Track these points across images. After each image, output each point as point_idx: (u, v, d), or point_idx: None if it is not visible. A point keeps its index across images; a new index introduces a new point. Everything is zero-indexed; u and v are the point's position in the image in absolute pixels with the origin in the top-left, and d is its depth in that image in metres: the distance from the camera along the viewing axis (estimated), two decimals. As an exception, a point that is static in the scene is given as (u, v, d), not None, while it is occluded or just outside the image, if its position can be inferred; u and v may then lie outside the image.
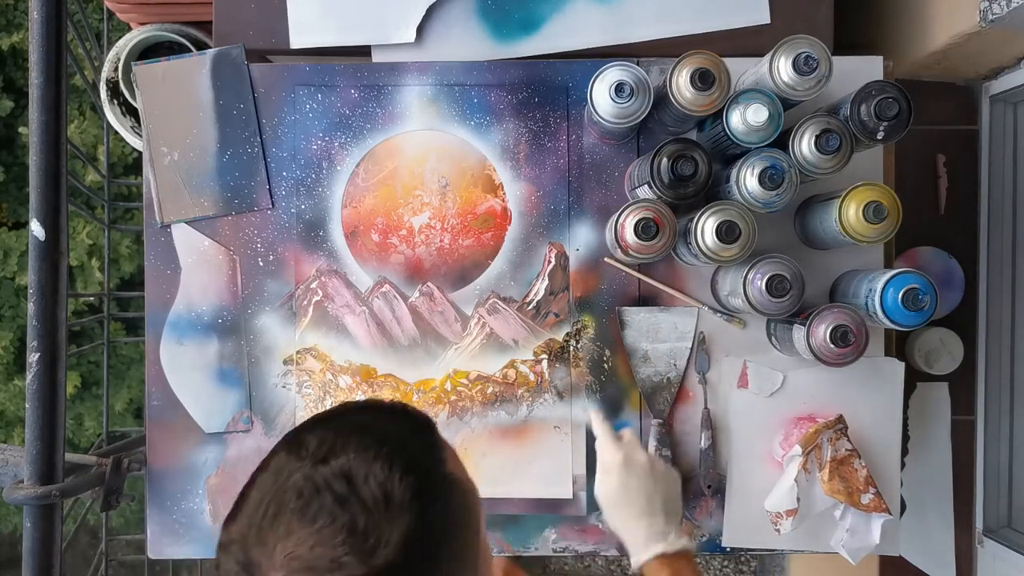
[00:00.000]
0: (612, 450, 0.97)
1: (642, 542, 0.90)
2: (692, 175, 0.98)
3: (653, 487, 0.93)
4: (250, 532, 0.51)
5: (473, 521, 0.57)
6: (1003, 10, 1.11)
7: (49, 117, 0.95)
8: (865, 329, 0.98)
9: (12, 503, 0.94)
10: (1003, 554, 1.40)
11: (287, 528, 0.50)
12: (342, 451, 0.52)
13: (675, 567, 0.88)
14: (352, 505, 0.49)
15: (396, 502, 0.50)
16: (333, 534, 0.49)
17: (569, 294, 1.14)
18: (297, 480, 0.51)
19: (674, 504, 0.94)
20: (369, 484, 0.50)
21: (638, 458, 0.96)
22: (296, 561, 0.49)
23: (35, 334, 0.95)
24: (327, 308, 1.15)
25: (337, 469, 0.51)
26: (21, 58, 2.23)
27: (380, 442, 0.52)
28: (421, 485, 0.51)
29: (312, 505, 0.50)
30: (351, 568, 0.48)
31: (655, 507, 0.92)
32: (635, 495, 0.93)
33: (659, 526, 0.90)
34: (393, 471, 0.51)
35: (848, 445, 1.06)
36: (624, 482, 0.94)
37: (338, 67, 1.15)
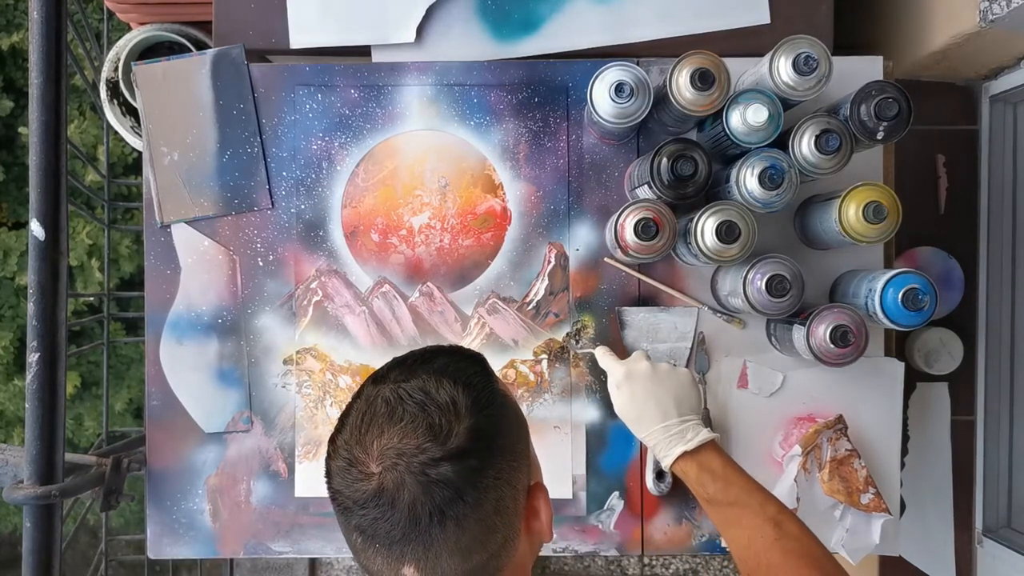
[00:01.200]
0: (615, 368, 1.00)
1: (663, 447, 0.93)
2: (692, 175, 0.98)
3: (660, 390, 0.96)
4: (351, 438, 0.64)
5: (521, 426, 0.72)
6: (1003, 10, 1.11)
7: (49, 117, 0.95)
8: (865, 329, 0.98)
9: (12, 503, 0.94)
10: (1002, 554, 1.40)
11: (379, 429, 0.63)
12: (416, 376, 0.66)
13: (700, 460, 0.91)
14: (429, 408, 0.64)
15: (461, 406, 0.64)
16: (415, 428, 0.63)
17: (569, 294, 1.14)
18: (385, 394, 0.65)
19: (687, 401, 0.96)
20: (440, 394, 0.65)
21: (639, 367, 0.98)
22: (390, 450, 0.62)
23: (35, 334, 0.95)
24: (327, 308, 1.15)
25: (415, 386, 0.65)
26: (21, 58, 2.22)
27: (444, 368, 0.67)
28: (479, 395, 0.66)
29: (398, 411, 0.64)
30: (431, 452, 0.62)
31: (667, 409, 0.94)
32: (644, 403, 0.96)
33: (675, 428, 0.93)
34: (457, 385, 0.66)
35: (848, 445, 1.06)
36: (631, 394, 0.97)
37: (338, 67, 1.15)
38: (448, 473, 0.62)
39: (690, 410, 0.95)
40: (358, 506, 0.63)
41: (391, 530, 0.62)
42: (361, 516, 0.63)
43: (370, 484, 0.62)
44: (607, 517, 1.14)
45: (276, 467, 1.15)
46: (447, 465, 0.62)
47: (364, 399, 0.67)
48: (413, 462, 0.62)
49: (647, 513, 1.14)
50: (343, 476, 0.64)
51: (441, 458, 0.62)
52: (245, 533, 1.15)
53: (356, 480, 0.63)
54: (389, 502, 0.61)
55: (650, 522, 1.14)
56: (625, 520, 1.14)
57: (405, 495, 0.61)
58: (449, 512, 0.62)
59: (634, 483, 1.14)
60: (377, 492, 0.62)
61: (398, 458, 0.62)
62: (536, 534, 0.70)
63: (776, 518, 0.84)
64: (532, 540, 0.70)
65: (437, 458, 0.62)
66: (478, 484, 0.63)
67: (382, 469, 0.62)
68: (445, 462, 0.62)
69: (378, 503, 0.62)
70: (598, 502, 1.14)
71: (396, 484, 0.61)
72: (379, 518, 0.62)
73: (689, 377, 0.99)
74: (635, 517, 1.14)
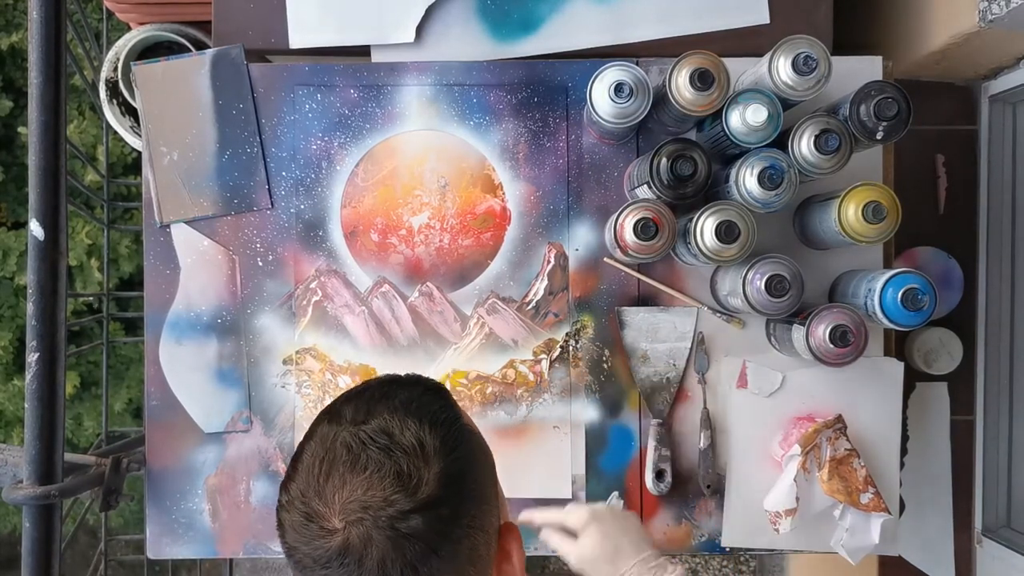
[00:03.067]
0: (577, 514, 0.95)
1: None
2: (691, 175, 0.98)
3: (627, 525, 0.93)
4: (308, 488, 0.59)
5: (489, 463, 0.68)
6: (1002, 10, 1.11)
7: (48, 117, 0.95)
8: (864, 329, 0.98)
9: (11, 503, 0.94)
10: (1002, 554, 1.40)
11: (341, 480, 0.58)
12: (376, 414, 0.61)
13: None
14: (395, 453, 0.59)
15: (429, 448, 0.60)
16: (382, 478, 0.58)
17: (568, 294, 1.14)
18: (344, 439, 0.60)
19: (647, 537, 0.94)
20: (405, 436, 0.60)
21: (598, 508, 0.95)
22: (353, 503, 0.57)
23: (34, 334, 0.95)
24: (326, 308, 1.15)
25: (376, 427, 0.60)
26: (21, 58, 2.22)
27: (406, 405, 0.62)
28: (447, 434, 0.62)
29: (361, 458, 0.59)
30: (401, 504, 0.57)
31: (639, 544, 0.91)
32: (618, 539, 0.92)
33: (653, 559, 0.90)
34: (422, 425, 0.61)
35: (847, 445, 1.06)
36: (603, 532, 0.92)
37: (337, 67, 1.15)
38: (419, 526, 0.57)
39: (649, 545, 0.93)
40: (319, 565, 0.58)
41: None
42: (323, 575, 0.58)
43: (333, 541, 0.57)
44: (607, 517, 1.14)
45: (275, 467, 1.15)
46: (418, 517, 0.57)
47: (319, 441, 0.61)
48: (380, 516, 0.57)
49: (647, 513, 1.14)
50: (301, 532, 0.59)
51: (411, 510, 0.57)
52: (245, 533, 1.15)
53: (316, 536, 0.58)
54: (356, 561, 0.56)
55: (650, 522, 1.14)
56: (625, 520, 1.14)
57: (374, 552, 0.56)
58: (423, 569, 0.57)
59: (634, 483, 1.14)
60: (342, 550, 0.57)
61: (364, 512, 0.57)
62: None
63: None
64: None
65: (407, 511, 0.57)
66: (451, 535, 0.59)
67: (346, 524, 0.57)
68: (415, 514, 0.57)
69: (343, 562, 0.57)
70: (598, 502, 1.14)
71: (363, 541, 0.57)
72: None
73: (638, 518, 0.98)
74: (635, 517, 1.14)
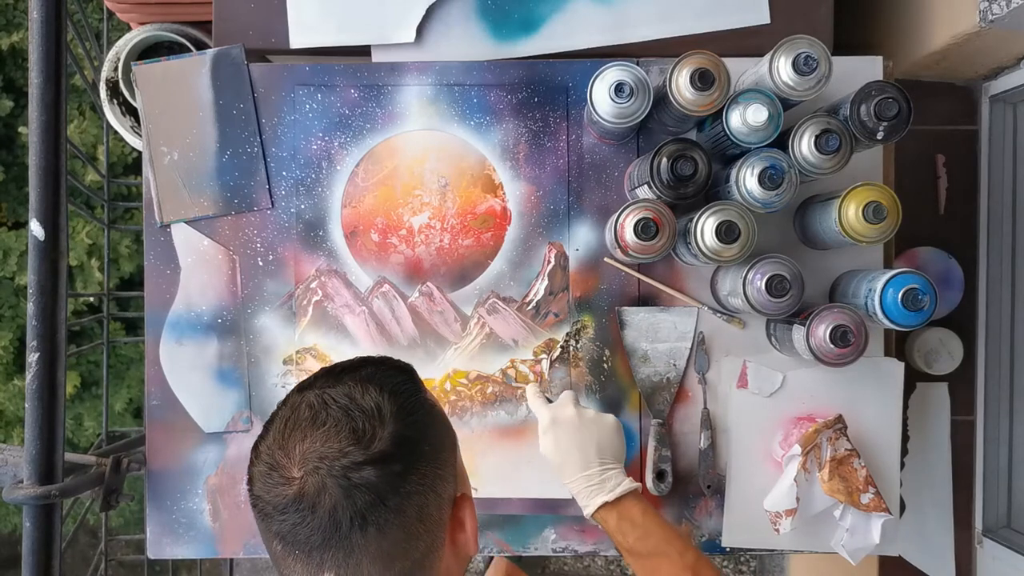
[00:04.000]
0: (543, 413, 0.99)
1: (585, 495, 0.93)
2: (692, 175, 0.98)
3: (584, 437, 0.95)
4: (274, 443, 0.64)
5: (448, 435, 0.72)
6: (1003, 10, 1.11)
7: (49, 117, 0.95)
8: (865, 329, 0.98)
9: (12, 503, 0.94)
10: (1002, 554, 1.40)
11: (303, 434, 0.63)
12: (341, 383, 0.66)
13: (620, 510, 0.91)
14: (353, 412, 0.64)
15: (386, 412, 0.64)
16: (338, 432, 0.63)
17: (569, 294, 1.14)
18: (309, 400, 0.65)
19: (610, 449, 0.96)
20: (365, 400, 0.65)
21: (565, 413, 0.97)
22: (312, 454, 0.62)
23: (35, 334, 0.95)
24: (327, 308, 1.15)
25: (340, 392, 0.65)
26: (21, 58, 2.23)
27: (370, 376, 0.67)
28: (405, 402, 0.66)
29: (321, 415, 0.64)
30: (354, 455, 0.62)
31: (589, 457, 0.94)
32: (568, 450, 0.95)
33: (596, 476, 0.93)
34: (383, 392, 0.66)
35: (847, 445, 1.06)
36: (556, 439, 0.96)
37: (338, 67, 1.15)
38: (371, 477, 0.61)
39: (613, 458, 0.95)
40: (278, 511, 0.62)
41: (311, 536, 0.61)
42: (281, 522, 0.62)
43: (290, 489, 0.61)
44: (607, 517, 1.14)
45: (276, 467, 1.15)
46: (370, 469, 0.61)
47: (289, 406, 0.66)
48: (335, 466, 0.61)
49: (647, 513, 1.14)
50: (264, 481, 0.63)
51: (364, 462, 0.61)
52: (245, 533, 1.15)
53: (277, 485, 0.62)
54: (309, 507, 0.61)
55: (650, 522, 1.14)
56: (625, 520, 1.14)
57: (326, 500, 0.61)
58: (371, 517, 0.61)
59: (634, 483, 1.14)
60: (297, 497, 0.61)
61: (320, 462, 0.61)
62: (461, 546, 0.69)
63: (694, 567, 0.87)
64: (457, 552, 0.69)
65: (359, 462, 0.61)
66: (401, 489, 0.63)
67: (303, 473, 0.61)
68: (368, 466, 0.61)
69: (298, 508, 0.61)
70: (598, 502, 1.14)
71: (317, 488, 0.61)
72: (299, 523, 0.61)
73: (615, 425, 0.98)
74: (635, 517, 1.14)
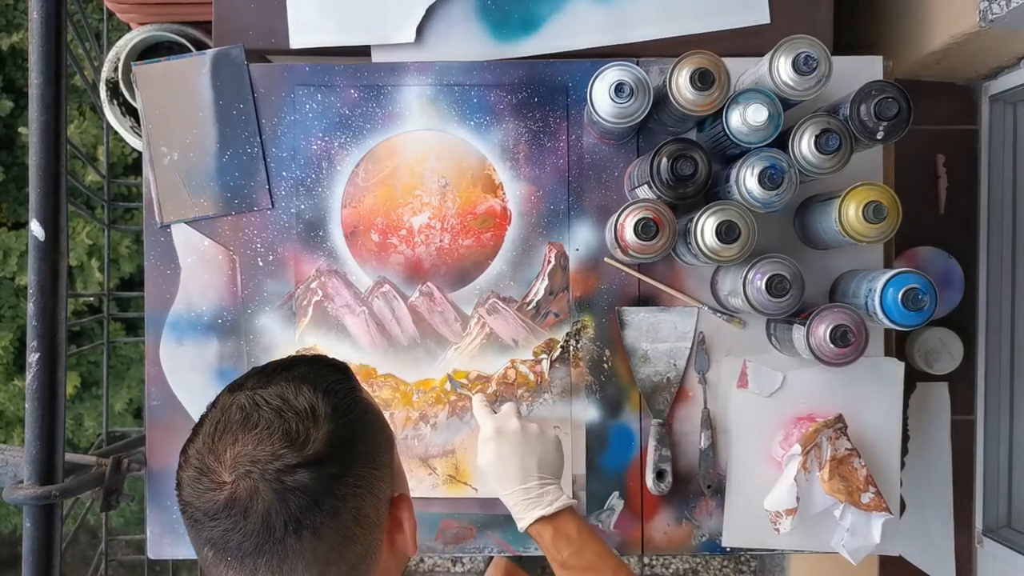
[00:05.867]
0: (486, 423, 0.99)
1: (522, 508, 0.93)
2: (692, 175, 0.98)
3: (526, 451, 0.95)
4: (203, 447, 0.62)
5: (384, 435, 0.70)
6: (1003, 10, 1.11)
7: (49, 117, 0.95)
8: (865, 329, 0.98)
9: (12, 503, 0.94)
10: (1002, 554, 1.40)
11: (234, 437, 0.61)
12: (275, 382, 0.65)
13: (556, 525, 0.91)
14: (286, 414, 0.62)
15: (320, 413, 0.63)
16: (271, 434, 0.61)
17: (569, 294, 1.14)
18: (240, 401, 0.63)
19: (549, 465, 0.96)
20: (299, 400, 0.63)
21: (509, 425, 0.97)
22: (243, 458, 0.60)
23: (35, 334, 0.95)
24: (327, 308, 1.15)
25: (272, 392, 0.64)
26: (21, 58, 2.22)
27: (304, 376, 0.66)
28: (340, 402, 0.65)
29: (253, 417, 0.62)
30: (287, 458, 0.60)
31: (529, 471, 0.94)
32: (508, 462, 0.95)
33: (534, 490, 0.93)
34: (316, 392, 0.64)
35: (848, 444, 1.06)
36: (497, 451, 0.96)
37: (338, 67, 1.15)
38: (305, 480, 0.60)
39: (552, 473, 0.95)
40: (208, 517, 0.60)
41: (243, 542, 0.59)
42: (212, 528, 0.60)
43: (221, 494, 0.60)
44: (607, 517, 1.14)
45: (276, 467, 1.15)
46: (304, 472, 0.60)
47: (219, 407, 0.64)
48: (268, 469, 0.59)
49: (647, 513, 1.14)
50: (193, 486, 0.61)
51: (298, 465, 0.60)
52: (245, 533, 1.15)
53: (207, 490, 0.60)
54: (242, 512, 0.59)
55: (650, 522, 1.14)
56: (625, 520, 1.14)
57: (259, 504, 0.59)
58: (305, 521, 0.60)
59: (634, 483, 1.14)
60: (229, 502, 0.59)
61: (252, 465, 0.60)
62: (399, 547, 0.68)
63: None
64: (395, 553, 0.68)
65: (293, 465, 0.60)
66: (337, 492, 0.61)
67: (235, 478, 0.60)
68: (302, 469, 0.60)
69: (230, 513, 0.59)
70: (598, 502, 1.14)
71: (249, 493, 0.59)
72: (230, 529, 0.59)
73: (556, 441, 0.98)
74: (635, 517, 1.14)
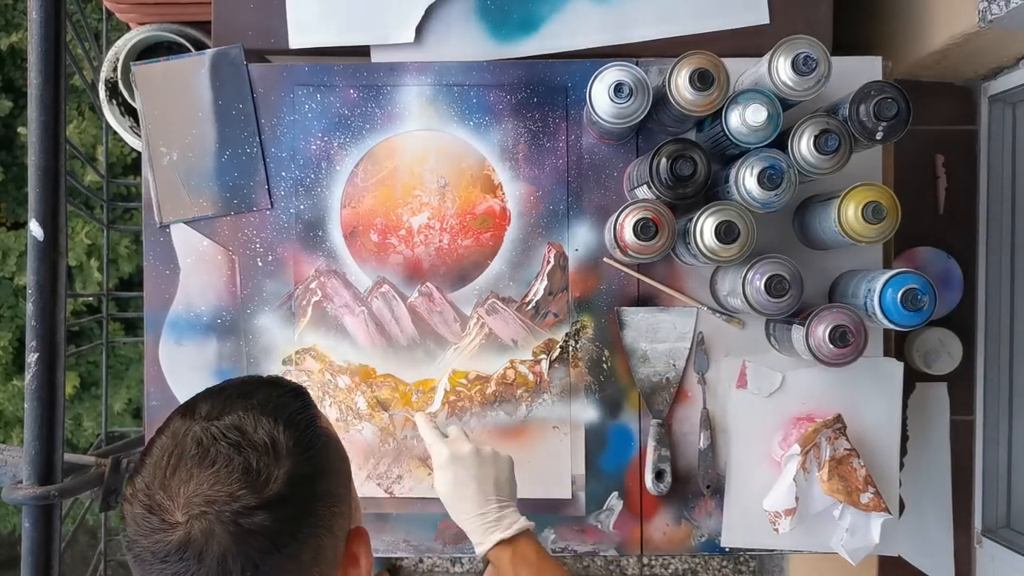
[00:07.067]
0: (439, 448, 0.98)
1: (481, 532, 0.92)
2: (691, 175, 0.98)
3: (482, 474, 0.94)
4: (154, 481, 0.59)
5: (344, 467, 0.68)
6: (1002, 10, 1.11)
7: (48, 117, 0.95)
8: (864, 329, 0.98)
9: (11, 503, 0.94)
10: (1001, 554, 1.40)
11: (188, 474, 0.58)
12: (231, 411, 0.62)
13: (516, 548, 0.90)
14: (245, 450, 0.59)
15: (281, 447, 0.60)
16: (230, 473, 0.58)
17: (568, 294, 1.14)
18: (195, 433, 0.60)
19: (507, 487, 0.95)
20: (258, 433, 0.60)
21: (463, 450, 0.96)
22: (198, 498, 0.57)
23: (34, 334, 0.95)
24: (326, 308, 1.15)
25: (229, 423, 0.60)
26: (20, 58, 2.22)
27: (262, 404, 0.63)
28: (301, 435, 0.62)
29: (210, 452, 0.59)
30: (246, 500, 0.57)
31: (487, 495, 0.93)
32: (466, 486, 0.94)
33: (493, 514, 0.92)
34: (277, 424, 0.61)
35: (847, 444, 1.06)
36: (455, 476, 0.95)
37: (337, 67, 1.15)
38: (264, 522, 0.57)
39: (508, 496, 0.94)
40: (158, 559, 0.57)
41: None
42: (161, 570, 0.57)
43: (174, 535, 0.57)
44: (606, 517, 1.14)
45: (275, 467, 1.15)
46: (263, 514, 0.57)
47: (171, 435, 0.61)
48: (225, 511, 0.57)
49: (646, 513, 1.14)
50: (142, 524, 0.58)
51: (256, 507, 0.57)
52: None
53: (157, 530, 0.57)
54: (196, 556, 0.56)
55: (649, 522, 1.14)
56: (624, 520, 1.14)
57: (214, 548, 0.56)
58: (264, 567, 0.57)
59: (633, 483, 1.14)
60: (182, 544, 0.56)
61: (208, 506, 0.57)
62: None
63: None
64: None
65: (252, 507, 0.57)
66: (297, 534, 0.59)
67: (189, 518, 0.57)
68: (261, 511, 0.57)
69: (182, 556, 0.56)
70: (597, 502, 1.14)
71: (204, 535, 0.56)
72: (182, 573, 0.56)
73: (509, 462, 0.98)
74: (634, 517, 1.14)
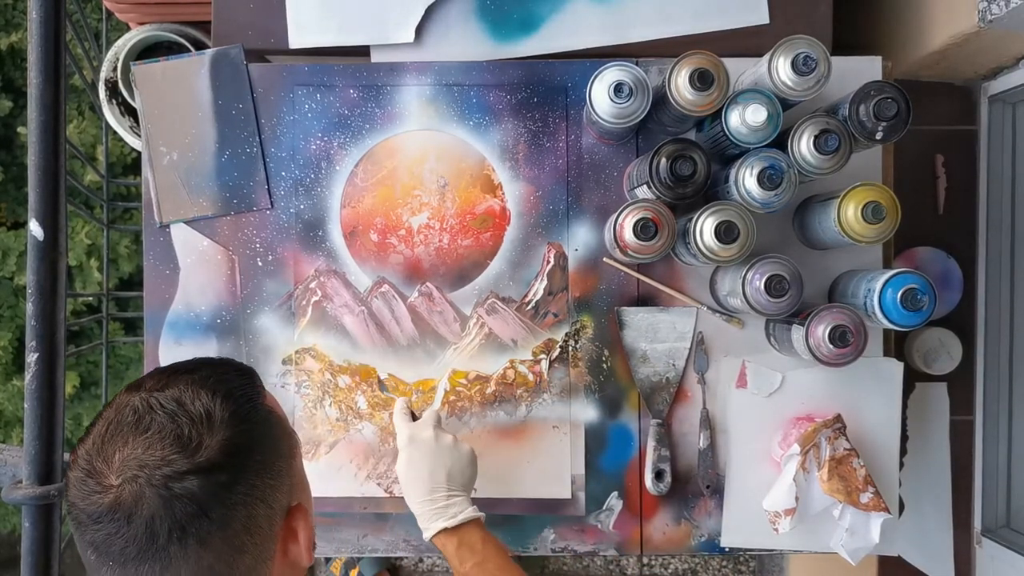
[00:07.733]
0: (401, 429, 0.99)
1: (426, 517, 0.93)
2: (691, 175, 0.98)
3: (435, 462, 0.95)
4: (93, 448, 0.61)
5: (285, 444, 0.69)
6: (1002, 10, 1.11)
7: (48, 117, 0.95)
8: (864, 329, 0.98)
9: (11, 503, 0.94)
10: (1001, 554, 1.40)
11: (123, 440, 0.61)
12: (173, 384, 0.64)
13: (461, 536, 0.91)
14: (180, 419, 0.61)
15: (216, 419, 0.62)
16: (162, 439, 0.60)
17: (568, 294, 1.14)
18: (134, 403, 0.62)
19: (459, 478, 0.95)
20: (195, 405, 0.62)
21: (423, 434, 0.97)
22: (131, 462, 0.59)
23: (34, 334, 0.95)
24: (326, 308, 1.15)
25: (169, 396, 0.63)
26: (20, 58, 2.22)
27: (204, 379, 0.65)
28: (238, 409, 0.64)
29: (145, 420, 0.61)
30: (177, 464, 0.59)
31: (437, 482, 0.94)
32: (418, 471, 0.95)
33: (441, 501, 0.93)
34: (215, 397, 0.63)
35: (847, 444, 1.06)
36: (409, 459, 0.96)
37: (337, 67, 1.15)
38: (193, 488, 0.59)
39: (460, 486, 0.95)
40: (92, 520, 0.59)
41: (126, 547, 0.59)
42: (95, 531, 0.59)
43: (106, 497, 0.59)
44: (606, 517, 1.14)
45: (275, 467, 1.15)
46: (193, 479, 0.59)
47: (114, 408, 0.63)
48: (155, 475, 0.59)
49: (646, 513, 1.14)
50: (80, 488, 0.60)
51: (187, 471, 0.59)
52: (244, 533, 1.15)
53: (92, 492, 0.60)
54: (125, 517, 0.58)
55: (649, 522, 1.14)
56: (624, 520, 1.14)
57: (143, 510, 0.58)
58: (191, 529, 0.59)
59: (633, 483, 1.14)
60: (113, 506, 0.59)
61: (139, 470, 0.59)
62: (293, 557, 0.67)
63: None
64: (290, 563, 0.68)
65: (182, 471, 0.59)
66: (226, 500, 0.60)
67: (121, 481, 0.59)
68: (191, 476, 0.59)
69: (113, 517, 0.59)
70: (597, 502, 1.14)
71: (134, 497, 0.58)
72: (113, 534, 0.59)
73: (470, 455, 0.98)
74: (634, 517, 1.14)
